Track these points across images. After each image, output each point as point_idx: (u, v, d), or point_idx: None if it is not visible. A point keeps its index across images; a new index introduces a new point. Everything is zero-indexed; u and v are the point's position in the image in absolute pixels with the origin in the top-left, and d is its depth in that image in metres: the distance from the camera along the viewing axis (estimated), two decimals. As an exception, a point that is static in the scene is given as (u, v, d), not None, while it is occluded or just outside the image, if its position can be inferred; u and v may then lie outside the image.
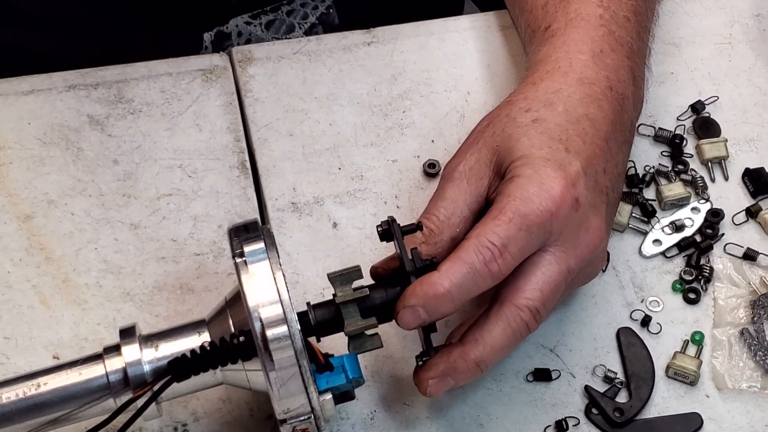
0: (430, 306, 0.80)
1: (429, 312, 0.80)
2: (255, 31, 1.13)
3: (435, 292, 0.79)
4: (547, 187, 0.82)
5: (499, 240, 0.80)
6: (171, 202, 0.97)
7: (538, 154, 0.84)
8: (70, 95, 1.02)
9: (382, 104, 1.04)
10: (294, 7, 1.13)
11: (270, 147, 1.01)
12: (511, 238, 0.80)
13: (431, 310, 0.80)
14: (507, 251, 0.80)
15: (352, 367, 0.80)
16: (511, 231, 0.80)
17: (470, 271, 0.80)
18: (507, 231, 0.80)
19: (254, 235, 0.80)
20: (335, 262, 0.94)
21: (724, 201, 1.00)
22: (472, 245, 0.80)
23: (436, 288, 0.79)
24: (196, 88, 1.04)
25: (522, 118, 0.87)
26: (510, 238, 0.80)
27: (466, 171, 0.86)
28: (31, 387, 0.79)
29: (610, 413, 0.88)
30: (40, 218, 0.96)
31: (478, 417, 0.89)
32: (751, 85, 1.07)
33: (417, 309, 0.79)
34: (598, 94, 0.89)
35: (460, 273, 0.79)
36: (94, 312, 0.92)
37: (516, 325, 0.82)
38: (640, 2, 0.97)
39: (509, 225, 0.80)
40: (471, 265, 0.80)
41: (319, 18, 1.14)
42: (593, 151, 0.86)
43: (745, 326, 0.93)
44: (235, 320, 0.80)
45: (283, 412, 0.78)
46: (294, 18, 1.13)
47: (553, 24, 0.94)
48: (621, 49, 0.92)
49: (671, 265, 0.96)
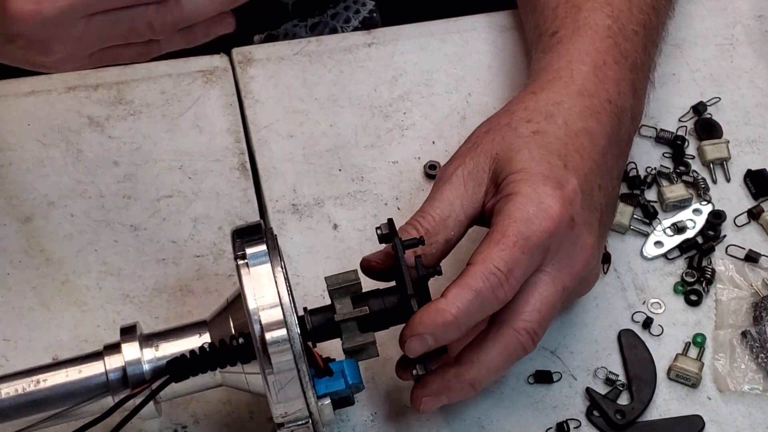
0: (437, 334, 0.79)
1: (436, 339, 0.80)
2: (300, 32, 1.13)
3: (444, 320, 0.79)
4: (545, 206, 0.82)
5: (505, 265, 0.80)
6: (171, 203, 0.97)
7: (537, 170, 0.84)
8: (70, 96, 1.02)
9: (383, 105, 1.04)
10: (338, 11, 1.13)
11: (270, 148, 1.01)
12: (516, 262, 0.80)
13: (438, 337, 0.80)
14: (512, 276, 0.80)
15: (352, 373, 0.80)
16: (515, 255, 0.80)
17: (477, 298, 0.79)
18: (512, 255, 0.80)
19: (257, 237, 0.80)
20: (335, 263, 0.94)
21: (726, 202, 0.99)
22: (479, 271, 0.80)
23: (444, 316, 0.79)
24: (196, 89, 1.03)
25: (523, 129, 0.87)
26: (515, 263, 0.80)
27: (465, 175, 0.86)
28: (31, 383, 0.79)
29: (612, 415, 0.88)
30: (39, 220, 0.95)
31: (479, 419, 0.88)
32: (753, 87, 1.06)
33: (425, 337, 0.79)
34: (597, 107, 0.89)
35: (467, 300, 0.79)
36: (93, 314, 0.91)
37: (513, 348, 0.82)
38: (652, 16, 0.97)
39: (513, 249, 0.80)
40: (478, 291, 0.79)
41: (362, 21, 1.14)
42: (590, 167, 0.86)
43: (747, 328, 0.93)
44: (235, 322, 0.80)
45: (280, 416, 0.78)
46: (337, 21, 1.13)
47: (560, 30, 0.94)
48: (624, 62, 0.92)
49: (673, 267, 0.96)
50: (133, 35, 0.77)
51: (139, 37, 0.77)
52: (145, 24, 0.76)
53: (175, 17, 0.76)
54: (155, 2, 0.75)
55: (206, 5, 0.77)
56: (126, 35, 0.77)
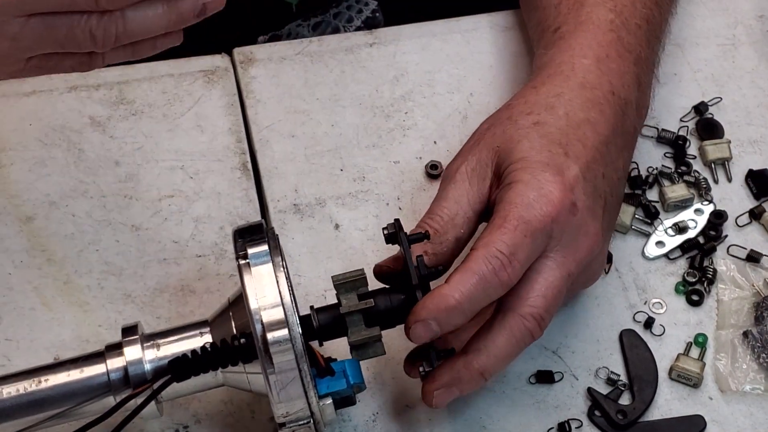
0: (441, 319, 0.79)
1: (441, 325, 0.79)
2: (302, 32, 1.13)
3: (447, 305, 0.79)
4: (545, 191, 0.82)
5: (507, 248, 0.80)
6: (172, 203, 0.97)
7: (537, 158, 0.84)
8: (72, 96, 1.02)
9: (384, 105, 1.04)
10: (341, 10, 1.13)
11: (272, 148, 1.01)
12: (518, 245, 0.80)
13: (443, 322, 0.79)
14: (515, 259, 0.80)
15: (354, 373, 0.80)
16: (517, 239, 0.80)
17: (480, 282, 0.79)
18: (513, 239, 0.80)
19: (258, 237, 0.80)
20: (337, 263, 0.94)
21: (728, 202, 0.99)
22: (480, 255, 0.80)
23: (448, 300, 0.79)
24: (197, 89, 1.03)
25: (523, 121, 0.87)
26: (517, 246, 0.80)
27: (468, 172, 0.86)
28: (32, 383, 0.79)
29: (613, 415, 0.88)
30: (41, 220, 0.96)
31: (481, 419, 0.88)
32: (755, 87, 1.06)
33: (429, 322, 0.79)
34: (600, 98, 0.89)
35: (470, 284, 0.79)
36: (95, 314, 0.92)
37: (520, 334, 0.82)
38: (655, 12, 0.97)
39: (515, 233, 0.80)
40: (481, 275, 0.79)
41: (365, 21, 1.14)
42: (593, 156, 0.86)
43: (749, 328, 0.93)
44: (236, 322, 0.80)
45: (282, 415, 0.78)
46: (340, 21, 1.13)
47: (563, 26, 0.94)
48: (628, 55, 0.92)
49: (674, 267, 0.96)
50: (72, 43, 0.75)
51: (79, 46, 0.75)
52: (86, 33, 0.74)
53: (119, 31, 0.74)
54: (95, 11, 0.73)
55: (153, 24, 0.75)
56: (64, 42, 0.75)
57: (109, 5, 0.73)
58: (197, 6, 0.75)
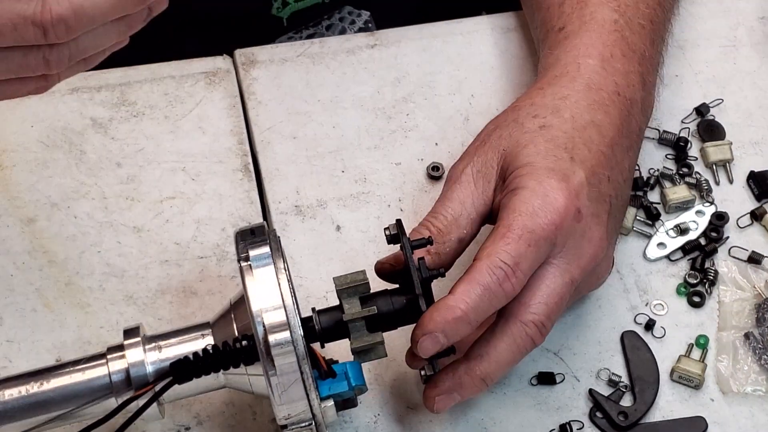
0: (449, 330, 0.79)
1: (448, 336, 0.80)
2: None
3: (453, 316, 0.79)
4: (551, 199, 0.82)
5: (511, 259, 0.80)
6: (174, 205, 0.97)
7: (543, 164, 0.84)
8: (73, 98, 1.02)
9: (386, 107, 1.04)
10: (333, 22, 1.13)
11: (273, 150, 1.01)
12: (522, 255, 0.80)
13: (450, 334, 0.80)
14: (519, 269, 0.80)
15: (356, 375, 0.80)
16: (521, 248, 0.80)
17: (485, 292, 0.79)
18: (517, 249, 0.80)
19: (260, 239, 0.80)
20: (339, 265, 0.94)
21: (729, 204, 0.99)
22: (484, 266, 0.80)
23: (454, 312, 0.79)
24: (199, 90, 1.03)
25: (529, 124, 0.87)
26: (521, 256, 0.80)
27: (474, 173, 0.86)
28: (34, 385, 0.79)
29: (615, 417, 0.88)
30: (43, 221, 0.96)
31: (482, 421, 0.88)
32: (756, 88, 1.06)
33: (436, 335, 0.79)
34: (605, 99, 0.89)
35: (475, 294, 0.79)
36: (97, 315, 0.92)
37: (522, 341, 0.82)
38: (658, 11, 0.97)
39: (519, 243, 0.80)
40: (485, 286, 0.79)
41: (358, 32, 1.13)
42: (598, 159, 0.86)
43: (750, 330, 0.93)
44: (238, 324, 0.80)
45: (284, 417, 0.78)
46: (332, 33, 1.13)
47: (567, 26, 0.94)
48: (633, 55, 0.92)
49: (676, 269, 0.96)
50: (26, 71, 0.74)
51: (34, 72, 0.74)
52: (39, 59, 0.73)
53: (72, 52, 0.73)
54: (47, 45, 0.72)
55: (104, 39, 0.74)
56: (18, 71, 0.74)
57: (60, 39, 0.72)
58: (144, 12, 0.74)
